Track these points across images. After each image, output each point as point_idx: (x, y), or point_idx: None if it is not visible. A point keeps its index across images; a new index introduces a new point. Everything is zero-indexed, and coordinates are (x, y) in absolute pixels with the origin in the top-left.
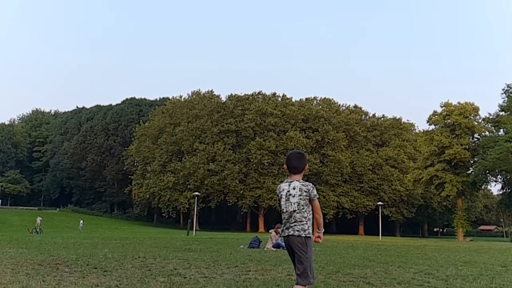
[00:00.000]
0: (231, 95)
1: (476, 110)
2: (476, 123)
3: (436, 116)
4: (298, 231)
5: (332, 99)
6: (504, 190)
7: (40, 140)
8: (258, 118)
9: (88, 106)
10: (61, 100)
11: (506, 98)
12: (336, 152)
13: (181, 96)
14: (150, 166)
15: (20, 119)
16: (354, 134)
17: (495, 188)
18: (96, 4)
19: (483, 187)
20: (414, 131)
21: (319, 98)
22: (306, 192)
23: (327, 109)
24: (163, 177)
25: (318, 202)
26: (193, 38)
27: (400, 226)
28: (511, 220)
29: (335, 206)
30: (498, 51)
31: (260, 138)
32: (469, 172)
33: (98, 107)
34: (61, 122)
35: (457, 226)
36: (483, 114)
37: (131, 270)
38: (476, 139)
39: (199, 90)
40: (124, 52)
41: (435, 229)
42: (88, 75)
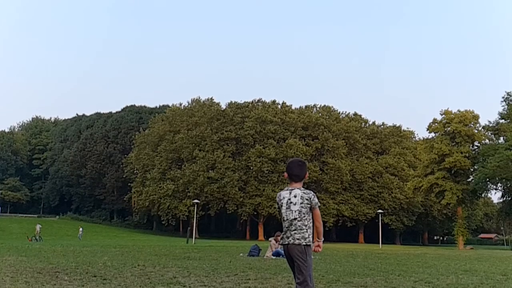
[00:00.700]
0: (231, 102)
1: (476, 118)
2: (476, 131)
3: (436, 124)
4: (298, 239)
5: (332, 106)
6: (505, 198)
7: (40, 147)
8: (258, 125)
9: (88, 114)
10: (61, 107)
11: (506, 106)
12: (336, 160)
13: (181, 104)
14: (149, 173)
15: (20, 126)
16: (354, 141)
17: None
18: (96, 12)
19: (483, 195)
20: (414, 139)
21: (318, 106)
22: (307, 200)
23: (327, 116)
24: (162, 184)
25: (319, 211)
26: (193, 46)
27: (400, 234)
28: None
29: (335, 214)
30: (498, 59)
31: (260, 146)
32: (469, 180)
33: (98, 114)
34: (61, 130)
35: (457, 234)
36: (483, 122)
37: (130, 278)
38: (476, 147)
39: (199, 97)
40: (124, 60)
41: (435, 237)
42: (88, 83)
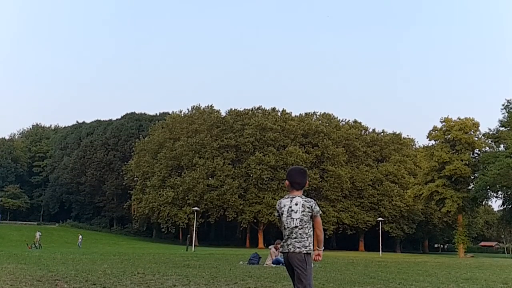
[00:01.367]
0: (231, 110)
1: (476, 125)
2: (476, 138)
3: (436, 131)
4: (298, 247)
5: (332, 114)
6: (505, 206)
7: (40, 155)
8: (258, 133)
9: (88, 121)
10: (61, 115)
11: (506, 114)
12: (336, 167)
13: (181, 111)
14: (149, 181)
15: (20, 133)
16: (354, 149)
17: (495, 204)
18: (97, 20)
19: (483, 203)
20: (414, 146)
21: (318, 113)
22: (308, 208)
23: (327, 124)
24: (162, 192)
25: (320, 219)
26: (193, 53)
27: (401, 242)
28: None
29: (335, 221)
30: (498, 66)
31: (260, 153)
32: (469, 187)
33: (98, 122)
34: (61, 137)
35: (458, 242)
36: (483, 129)
37: (130, 286)
38: (476, 155)
39: (199, 105)
40: (124, 67)
41: (436, 245)
42: (89, 90)
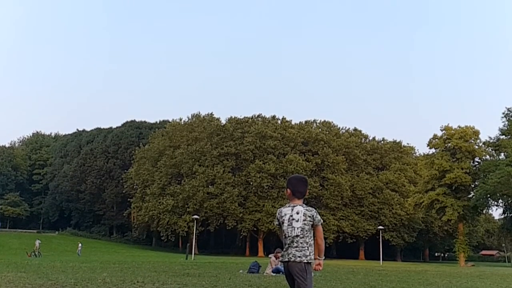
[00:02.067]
0: (231, 117)
1: (476, 133)
2: (476, 147)
3: (437, 139)
4: (299, 256)
5: (332, 122)
6: (506, 215)
7: (40, 162)
8: (258, 140)
9: (88, 129)
10: (61, 123)
11: (507, 122)
12: (336, 176)
13: (181, 119)
14: (149, 189)
15: (20, 141)
16: (354, 157)
17: (496, 212)
18: (96, 28)
19: (484, 212)
20: (415, 154)
21: (318, 121)
22: (310, 217)
23: (327, 132)
24: (162, 200)
25: (321, 228)
26: (193, 61)
27: (401, 251)
28: None
29: (335, 230)
30: (498, 75)
31: (260, 161)
32: (470, 196)
33: (98, 130)
34: (61, 145)
35: (458, 251)
36: (483, 137)
37: None
38: (476, 163)
39: (199, 113)
40: (124, 75)
41: (436, 253)
42: (89, 98)
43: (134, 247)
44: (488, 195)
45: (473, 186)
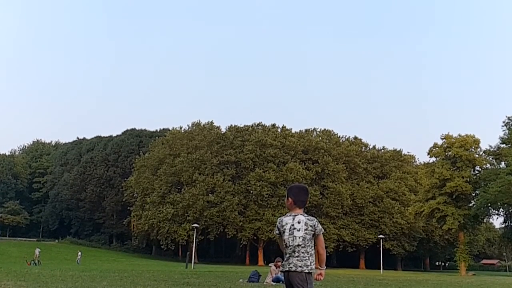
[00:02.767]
0: (231, 126)
1: (477, 142)
2: (477, 155)
3: (437, 148)
4: (300, 266)
5: (332, 130)
6: (507, 224)
7: (41, 171)
8: (258, 149)
9: (88, 137)
10: (62, 131)
11: (507, 131)
12: (336, 184)
13: (181, 127)
14: (149, 197)
15: (21, 149)
16: (355, 165)
17: (497, 221)
18: (97, 35)
19: (485, 220)
20: (415, 163)
21: (318, 130)
22: (311, 226)
23: (327, 140)
24: (162, 208)
25: (322, 237)
26: (193, 69)
27: (402, 260)
28: None
29: (335, 239)
30: (499, 83)
31: (260, 169)
32: (470, 205)
33: (99, 138)
34: (61, 153)
35: (459, 260)
36: (484, 146)
37: None
38: (477, 172)
39: (199, 121)
40: (124, 83)
41: (437, 262)
42: (89, 106)
43: (134, 255)
44: (489, 204)
45: (473, 195)
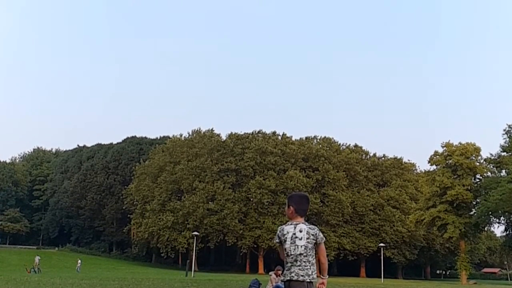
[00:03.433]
0: (231, 133)
1: (477, 150)
2: (477, 163)
3: (437, 156)
4: (302, 276)
5: (332, 138)
6: (508, 232)
7: (41, 178)
8: (258, 156)
9: (89, 145)
10: (62, 138)
11: (508, 139)
12: (336, 192)
13: (181, 135)
14: (149, 205)
15: (21, 157)
16: (355, 173)
17: (498, 229)
18: (99, 43)
19: (486, 229)
20: (416, 171)
21: (319, 137)
22: (313, 235)
23: (327, 148)
24: (162, 216)
25: (324, 246)
26: (193, 77)
27: (402, 268)
28: None
29: (336, 247)
30: (500, 91)
31: (260, 177)
32: (471, 213)
33: (99, 145)
34: (62, 161)
35: (460, 268)
36: (484, 154)
37: None
38: (478, 180)
39: (199, 129)
40: (124, 91)
41: (438, 271)
42: (90, 114)
43: (133, 263)
44: (490, 212)
45: (474, 203)
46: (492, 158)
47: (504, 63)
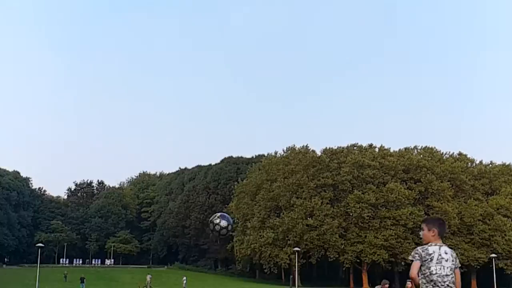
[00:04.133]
0: (326, 148)
1: None
2: None
3: None
4: None
5: (434, 147)
6: None
7: (147, 201)
8: (355, 170)
9: (189, 167)
10: (165, 162)
11: None
12: (441, 203)
13: (276, 153)
14: (249, 222)
15: (128, 181)
16: (461, 183)
17: None
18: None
19: None
20: None
21: (419, 147)
22: (455, 259)
23: (429, 158)
24: (262, 233)
25: (459, 271)
26: (285, 94)
27: None
28: None
29: None
30: None
31: (359, 191)
32: None
33: (199, 167)
34: (165, 183)
35: None
36: None
37: None
38: None
39: (293, 145)
40: (218, 114)
41: None
42: (188, 136)
43: (238, 279)
44: None
45: None
46: None
47: None
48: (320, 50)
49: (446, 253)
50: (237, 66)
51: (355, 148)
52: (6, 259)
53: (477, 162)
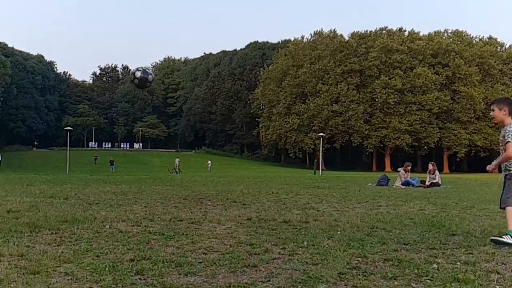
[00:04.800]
0: (354, 32)
1: None
2: None
3: None
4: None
5: (464, 31)
6: None
7: (173, 86)
8: (383, 55)
9: (214, 52)
10: (190, 47)
11: None
12: (468, 88)
13: (303, 37)
14: (275, 108)
15: (153, 66)
16: (489, 67)
17: None
18: None
19: None
20: None
21: (449, 31)
22: None
23: (458, 42)
24: (288, 119)
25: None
26: None
27: None
28: None
29: (467, 144)
30: None
31: (385, 77)
32: None
33: (224, 52)
34: (190, 69)
35: None
36: None
37: (267, 204)
38: None
39: (321, 30)
40: None
41: None
42: (214, 21)
43: (264, 163)
44: None
45: None
46: None
47: None
48: None
49: None
50: None
51: (384, 32)
52: (35, 143)
53: (507, 46)
